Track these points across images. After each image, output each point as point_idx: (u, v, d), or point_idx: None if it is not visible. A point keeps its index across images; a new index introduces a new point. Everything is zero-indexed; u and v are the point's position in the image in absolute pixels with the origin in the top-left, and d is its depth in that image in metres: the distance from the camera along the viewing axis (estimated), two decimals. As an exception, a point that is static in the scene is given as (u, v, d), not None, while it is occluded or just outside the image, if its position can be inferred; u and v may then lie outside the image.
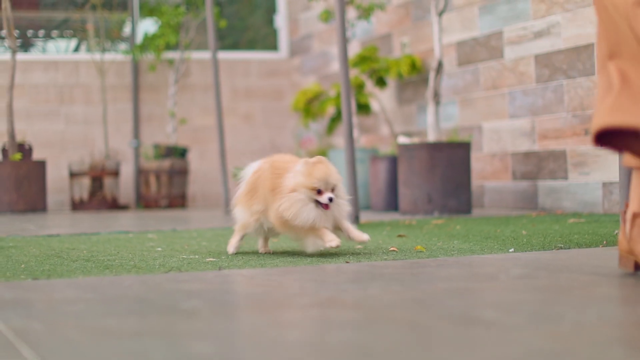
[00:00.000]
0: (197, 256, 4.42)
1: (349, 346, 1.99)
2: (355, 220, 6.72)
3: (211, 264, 4.02)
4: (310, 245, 4.24)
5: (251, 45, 13.53)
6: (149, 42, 11.66)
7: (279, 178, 4.25)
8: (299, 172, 4.14)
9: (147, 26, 12.49)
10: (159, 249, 4.91)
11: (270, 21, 13.42)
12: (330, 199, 4.11)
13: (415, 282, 3.15)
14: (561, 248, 4.40)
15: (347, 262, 3.97)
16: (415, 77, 9.99)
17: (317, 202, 4.12)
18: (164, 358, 1.93)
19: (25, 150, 10.19)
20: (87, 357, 1.97)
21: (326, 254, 4.31)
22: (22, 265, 4.10)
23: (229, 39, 13.43)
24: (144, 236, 5.97)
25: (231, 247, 4.62)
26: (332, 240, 4.13)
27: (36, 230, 6.80)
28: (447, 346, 1.97)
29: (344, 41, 6.87)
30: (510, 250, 4.33)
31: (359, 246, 4.71)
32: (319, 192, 4.11)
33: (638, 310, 2.44)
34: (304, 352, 1.95)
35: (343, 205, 4.27)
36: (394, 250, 4.46)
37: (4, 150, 10.10)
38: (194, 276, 3.54)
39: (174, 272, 3.71)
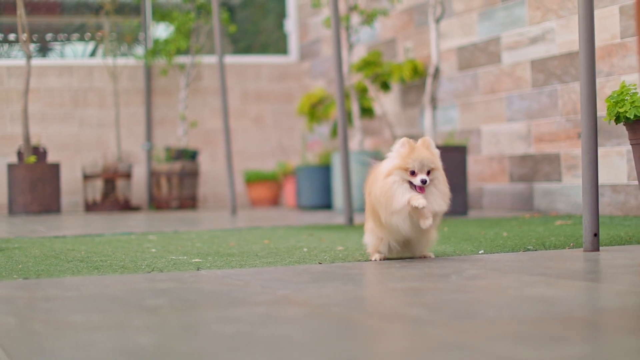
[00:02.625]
0: (185, 257, 4.66)
1: (275, 338, 2.23)
2: (350, 221, 6.96)
3: (195, 264, 4.26)
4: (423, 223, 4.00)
5: (263, 49, 13.78)
6: (160, 47, 11.94)
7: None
8: (395, 152, 4.00)
9: (160, 31, 12.78)
10: (154, 250, 5.15)
11: (281, 25, 13.66)
12: (424, 181, 3.91)
13: (371, 282, 3.39)
14: (529, 250, 4.61)
15: (319, 263, 4.20)
16: (418, 81, 10.20)
17: (412, 185, 3.95)
18: (107, 348, 2.19)
19: (39, 153, 10.49)
20: (42, 347, 2.22)
21: (306, 255, 4.56)
22: (20, 266, 4.35)
23: (242, 43, 13.69)
24: (145, 237, 6.22)
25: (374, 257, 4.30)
26: (421, 203, 3.91)
27: (44, 232, 7.06)
28: (363, 338, 2.20)
29: (339, 51, 7.10)
30: (480, 252, 4.54)
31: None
32: (413, 173, 3.94)
33: (555, 308, 2.66)
34: (232, 343, 2.19)
35: (440, 195, 4.03)
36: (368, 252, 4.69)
37: (19, 153, 10.40)
38: (171, 276, 3.79)
39: (155, 272, 3.96)
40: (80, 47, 13.14)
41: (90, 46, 13.06)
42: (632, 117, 4.51)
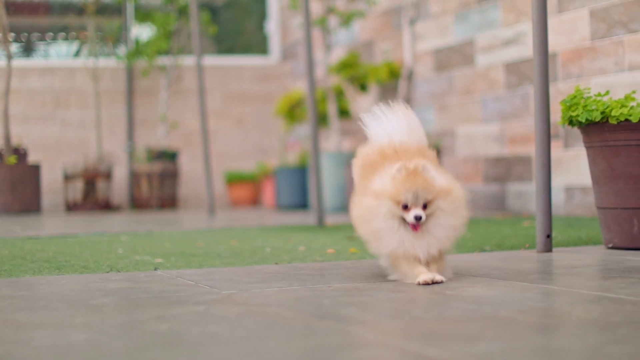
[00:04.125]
0: (149, 257, 4.73)
1: (204, 335, 2.31)
2: (320, 222, 7.04)
3: (154, 265, 4.34)
4: (395, 274, 3.47)
5: (246, 50, 13.86)
6: (142, 48, 12.03)
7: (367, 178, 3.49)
8: (391, 177, 3.30)
9: (142, 32, 12.85)
10: (121, 250, 5.23)
11: (263, 27, 13.75)
12: (418, 218, 3.24)
13: (316, 282, 3.47)
14: (485, 251, 4.71)
15: (275, 264, 4.28)
16: (396, 83, 10.29)
17: (403, 219, 3.30)
18: (41, 344, 2.27)
19: (20, 153, 10.55)
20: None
21: (268, 256, 4.64)
22: (-16, 266, 4.43)
23: (225, 43, 13.77)
24: (117, 238, 6.29)
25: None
26: (426, 278, 3.30)
27: (19, 232, 7.12)
28: (287, 336, 2.29)
29: (311, 58, 7.18)
30: (436, 253, 4.62)
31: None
32: (406, 207, 3.27)
33: (482, 308, 2.75)
34: (162, 340, 2.27)
35: (445, 232, 3.34)
36: (330, 252, 4.78)
37: (0, 154, 10.46)
38: (126, 276, 3.87)
39: (113, 272, 4.04)
40: (63, 48, 13.21)
41: (74, 47, 13.13)
42: (584, 121, 4.59)
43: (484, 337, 2.23)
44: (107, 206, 11.50)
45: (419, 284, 3.27)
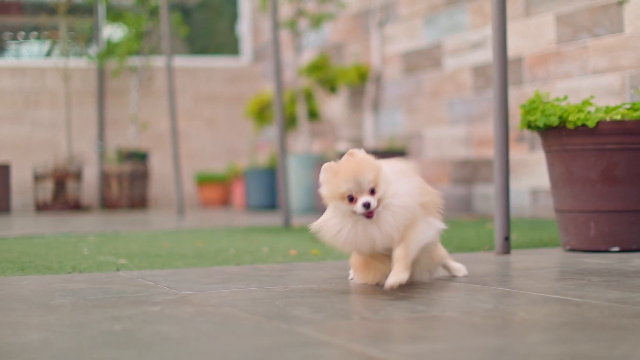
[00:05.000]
0: (113, 258, 4.77)
1: (155, 335, 2.37)
2: (286, 223, 7.10)
3: (118, 265, 4.39)
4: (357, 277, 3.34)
5: (218, 51, 13.90)
6: (113, 48, 12.05)
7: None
8: (323, 180, 3.10)
9: (114, 32, 12.86)
10: (86, 251, 5.26)
11: (235, 27, 13.79)
12: (367, 204, 2.96)
13: (274, 283, 3.53)
14: (445, 252, 4.77)
15: (237, 265, 4.34)
16: (365, 85, 10.36)
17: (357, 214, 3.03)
18: (-7, 345, 2.32)
19: (-11, 153, 10.56)
20: None
21: (231, 257, 4.70)
22: (-53, 267, 4.46)
23: (198, 44, 13.81)
24: (84, 238, 6.32)
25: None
26: (393, 277, 3.05)
27: (-13, 232, 7.15)
28: (236, 336, 2.34)
29: (278, 61, 7.24)
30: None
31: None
32: (352, 199, 3.01)
33: (431, 309, 2.82)
34: (113, 339, 2.32)
35: (401, 211, 3.04)
36: (293, 254, 4.84)
37: (-31, 154, 10.47)
38: (88, 277, 3.91)
39: (75, 273, 4.08)
40: (35, 48, 13.20)
41: (45, 46, 13.12)
42: (542, 125, 4.67)
43: (427, 338, 2.30)
44: (77, 206, 11.51)
45: (390, 287, 3.05)
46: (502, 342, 2.24)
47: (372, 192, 2.99)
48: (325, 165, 3.08)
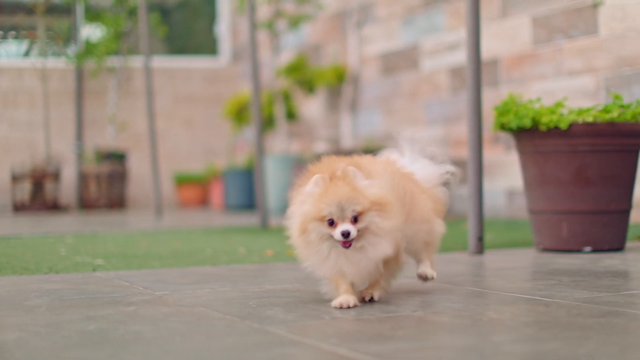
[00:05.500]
0: (90, 259, 4.80)
1: (128, 334, 2.40)
2: (263, 223, 7.13)
3: (95, 266, 4.41)
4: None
5: (197, 51, 13.92)
6: (91, 48, 12.05)
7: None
8: (307, 194, 2.88)
9: (93, 32, 12.86)
10: (63, 252, 5.28)
11: (214, 28, 13.82)
12: (346, 234, 2.77)
13: (248, 283, 3.57)
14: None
15: (213, 265, 4.37)
16: (343, 86, 10.41)
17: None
18: (-33, 345, 2.35)
19: (-33, 153, 10.54)
20: None
21: (208, 257, 4.73)
22: None
23: (176, 44, 13.82)
24: (61, 239, 6.33)
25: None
26: (342, 301, 2.90)
27: (-36, 233, 7.15)
28: (207, 335, 2.38)
29: (255, 61, 7.27)
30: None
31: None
32: (332, 223, 2.82)
33: (399, 309, 2.86)
34: (87, 339, 2.36)
35: (381, 246, 2.85)
36: (269, 254, 4.88)
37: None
38: (64, 277, 3.94)
39: (52, 274, 4.10)
40: (13, 47, 13.18)
41: (23, 46, 13.11)
42: (515, 127, 4.73)
43: (396, 337, 2.34)
44: (55, 207, 11.50)
45: (335, 307, 2.88)
46: (469, 341, 2.29)
47: (355, 220, 2.80)
48: (318, 178, 2.83)
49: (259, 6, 10.57)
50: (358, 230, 2.80)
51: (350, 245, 2.80)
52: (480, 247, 4.70)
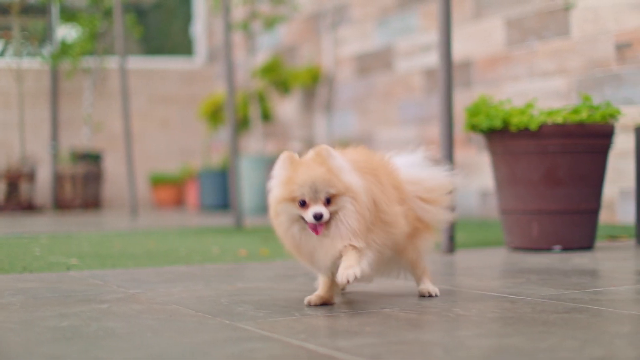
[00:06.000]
0: (64, 259, 4.82)
1: (100, 331, 2.44)
2: (237, 224, 7.17)
3: (69, 265, 4.44)
4: None
5: (173, 51, 13.93)
6: (67, 49, 12.05)
7: None
8: (276, 177, 2.79)
9: (68, 33, 12.85)
10: (38, 252, 5.30)
11: (190, 28, 13.84)
12: (317, 216, 2.67)
13: (221, 282, 3.62)
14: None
15: (186, 265, 4.41)
16: (318, 87, 10.46)
17: (304, 220, 2.74)
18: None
19: (-59, 153, 10.52)
20: None
21: (182, 257, 4.77)
22: None
23: (152, 45, 13.83)
24: (36, 239, 6.34)
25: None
26: (313, 296, 2.90)
27: (-62, 233, 7.14)
28: (177, 332, 2.42)
29: (230, 62, 7.30)
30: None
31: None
32: (303, 204, 2.71)
33: (371, 306, 2.92)
34: (60, 335, 2.39)
35: (346, 228, 2.72)
36: (243, 254, 4.92)
37: None
38: (39, 276, 3.97)
39: (26, 273, 4.13)
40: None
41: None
42: (485, 128, 4.79)
43: (363, 333, 2.39)
44: (29, 207, 11.49)
45: (307, 304, 2.88)
46: (434, 336, 2.34)
47: (328, 202, 2.69)
48: (286, 155, 2.73)
49: (235, 7, 10.60)
50: (330, 213, 2.69)
51: (321, 231, 2.70)
52: (452, 247, 4.76)
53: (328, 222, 2.71)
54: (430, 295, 3.08)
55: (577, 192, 4.81)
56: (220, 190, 10.90)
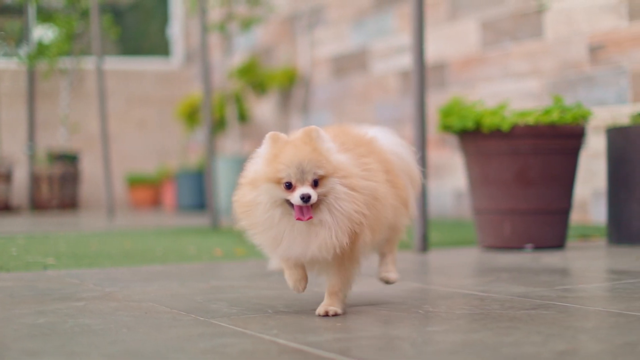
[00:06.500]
0: (41, 258, 4.85)
1: (76, 327, 2.48)
2: (213, 224, 7.20)
3: (46, 264, 4.47)
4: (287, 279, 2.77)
5: (151, 52, 13.95)
6: (43, 49, 12.05)
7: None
8: (260, 155, 2.60)
9: (45, 33, 12.84)
10: (14, 251, 5.32)
11: (168, 29, 13.86)
12: (305, 198, 2.46)
13: (196, 281, 3.67)
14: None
15: (162, 264, 4.46)
16: (295, 88, 10.51)
17: (289, 204, 2.53)
18: None
19: None
20: None
21: (158, 256, 4.82)
22: None
23: (129, 45, 13.84)
24: (12, 239, 6.35)
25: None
26: (292, 281, 2.73)
27: None
28: (152, 328, 2.47)
29: (206, 64, 7.34)
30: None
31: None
32: (289, 186, 2.50)
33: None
34: (37, 331, 2.43)
35: (341, 214, 2.52)
36: (218, 253, 4.96)
37: None
38: (16, 275, 4.00)
39: (3, 272, 4.16)
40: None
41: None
42: (458, 129, 4.85)
43: (333, 329, 2.44)
44: (6, 208, 11.49)
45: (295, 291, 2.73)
46: (403, 331, 2.40)
47: (316, 184, 2.50)
48: (272, 135, 2.56)
49: (211, 9, 10.64)
50: (318, 196, 2.49)
51: (307, 216, 2.46)
52: (425, 246, 4.83)
53: (317, 208, 2.50)
54: (389, 283, 2.99)
55: (549, 192, 4.89)
56: (197, 190, 10.94)
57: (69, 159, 11.85)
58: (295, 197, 2.46)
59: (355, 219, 2.52)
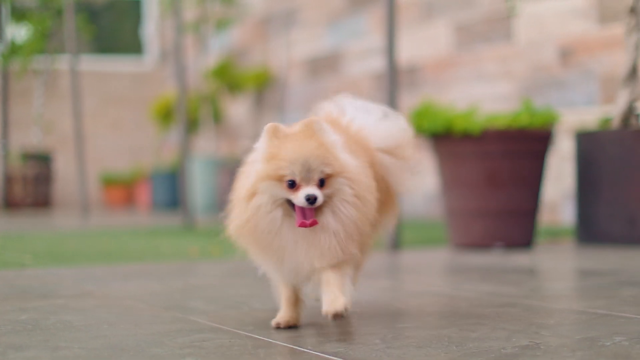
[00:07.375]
0: (18, 256, 4.91)
1: (58, 323, 2.56)
2: (188, 225, 7.28)
3: (24, 263, 4.53)
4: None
5: (125, 52, 13.99)
6: (17, 49, 12.06)
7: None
8: (259, 151, 2.31)
9: (18, 32, 12.84)
10: (-11, 250, 5.39)
11: (143, 29, 13.90)
12: (311, 199, 2.19)
13: (174, 279, 3.75)
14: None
15: (140, 263, 4.53)
16: (270, 88, 10.59)
17: (290, 205, 2.26)
18: None
19: None
20: None
21: (134, 255, 4.89)
22: None
23: (104, 44, 13.87)
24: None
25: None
26: (279, 318, 2.45)
27: None
28: (133, 324, 2.56)
29: (181, 64, 7.41)
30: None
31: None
32: (292, 185, 2.23)
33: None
34: (19, 327, 2.51)
35: (347, 218, 2.26)
36: (194, 253, 5.05)
37: None
38: (-6, 273, 4.07)
39: (-22, 271, 4.23)
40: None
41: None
42: (430, 132, 4.96)
43: (304, 325, 2.53)
44: (-20, 207, 11.52)
45: (275, 326, 2.45)
46: (374, 328, 2.49)
47: (322, 183, 2.24)
48: (271, 127, 2.30)
49: (186, 9, 10.71)
50: (324, 197, 2.23)
51: (311, 221, 2.20)
52: (397, 245, 4.92)
53: (319, 210, 2.24)
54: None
55: (519, 193, 5.00)
56: (171, 189, 11.01)
57: (43, 159, 11.88)
58: (299, 198, 2.20)
59: (361, 226, 2.28)
